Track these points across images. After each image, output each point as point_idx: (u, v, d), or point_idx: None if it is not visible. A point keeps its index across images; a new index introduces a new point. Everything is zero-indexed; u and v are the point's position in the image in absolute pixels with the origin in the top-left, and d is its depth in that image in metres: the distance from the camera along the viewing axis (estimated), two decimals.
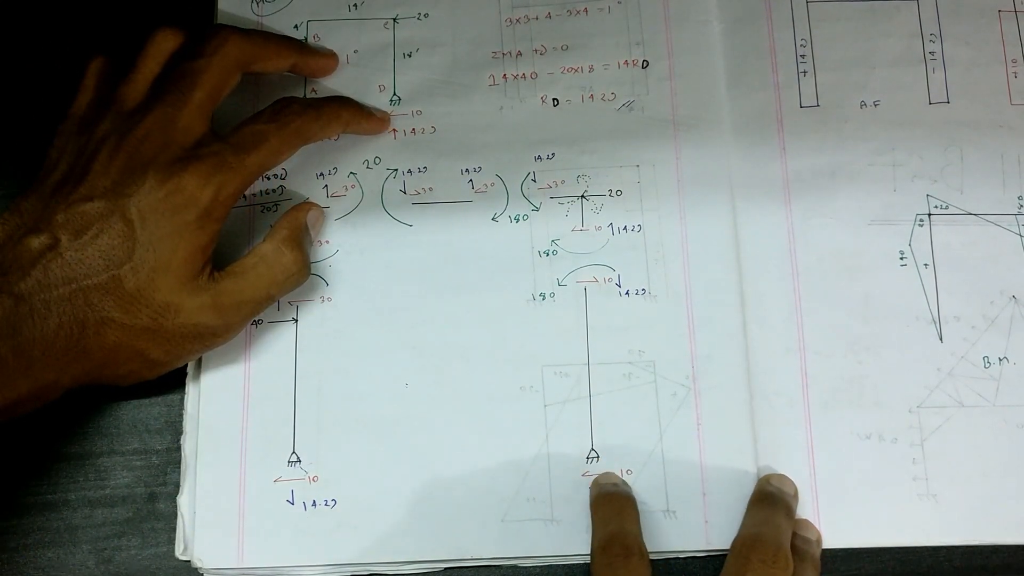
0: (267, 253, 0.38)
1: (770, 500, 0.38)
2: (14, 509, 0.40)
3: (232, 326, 0.38)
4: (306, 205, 0.41)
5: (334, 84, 0.44)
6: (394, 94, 0.44)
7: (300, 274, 0.39)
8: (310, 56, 0.43)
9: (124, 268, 0.35)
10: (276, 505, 0.39)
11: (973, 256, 0.42)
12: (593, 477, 0.39)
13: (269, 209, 0.42)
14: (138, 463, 0.41)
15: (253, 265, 0.38)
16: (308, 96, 0.44)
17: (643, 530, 0.38)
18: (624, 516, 0.38)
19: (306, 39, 0.44)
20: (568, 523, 0.39)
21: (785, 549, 0.36)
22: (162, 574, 0.40)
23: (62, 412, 0.40)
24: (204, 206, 0.36)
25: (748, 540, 0.37)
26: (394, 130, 0.43)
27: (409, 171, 0.43)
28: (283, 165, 0.43)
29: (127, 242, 0.35)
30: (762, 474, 0.39)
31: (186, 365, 0.41)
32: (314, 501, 0.39)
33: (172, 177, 0.36)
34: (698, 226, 0.42)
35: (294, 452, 0.40)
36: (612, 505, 0.38)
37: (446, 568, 0.39)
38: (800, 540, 0.38)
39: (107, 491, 0.40)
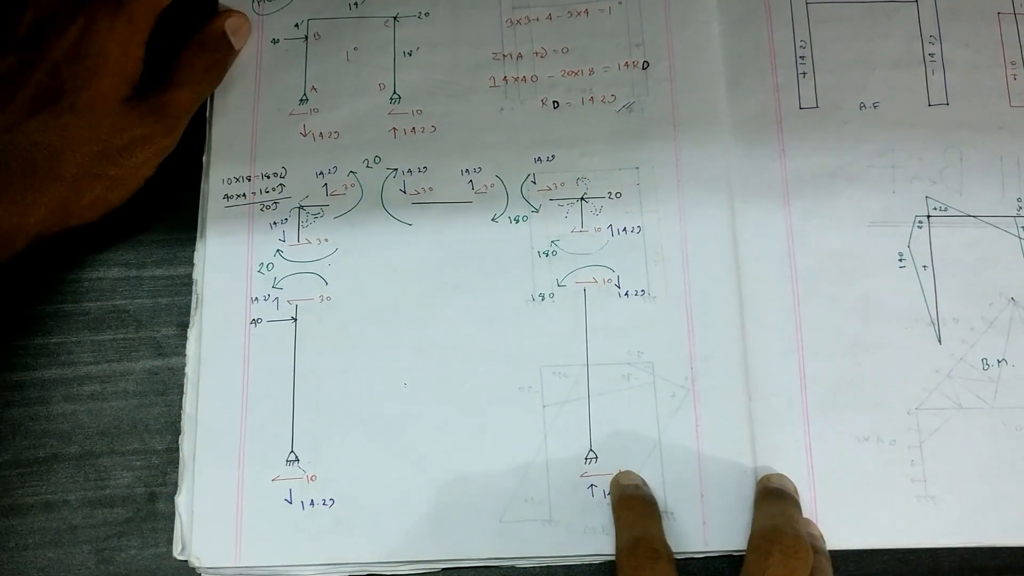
0: (184, 57, 0.42)
1: (777, 494, 0.38)
2: (14, 509, 0.40)
3: (177, 126, 0.41)
4: (227, 13, 0.43)
5: (334, 81, 0.44)
6: (394, 92, 0.44)
7: (213, 74, 0.43)
8: None
9: (59, 102, 0.38)
10: (274, 504, 0.39)
11: (972, 258, 0.42)
12: (596, 476, 0.39)
13: (269, 208, 0.42)
14: (138, 463, 0.41)
15: (175, 69, 0.41)
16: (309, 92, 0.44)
17: None
18: (648, 519, 0.37)
19: (307, 38, 0.44)
20: (566, 524, 0.39)
21: (804, 539, 0.36)
22: (162, 574, 0.40)
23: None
24: (121, 30, 0.39)
25: (767, 532, 0.36)
26: (394, 128, 0.43)
27: (409, 171, 0.43)
28: (282, 164, 0.43)
29: (54, 80, 0.38)
30: (760, 475, 0.39)
31: (184, 365, 0.41)
32: (312, 500, 0.39)
33: (81, 12, 0.39)
34: (697, 228, 0.42)
35: (292, 451, 0.40)
36: (636, 508, 0.38)
37: (444, 568, 0.39)
38: (809, 536, 0.38)
39: (107, 491, 0.40)
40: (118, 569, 0.40)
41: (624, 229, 0.42)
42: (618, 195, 0.42)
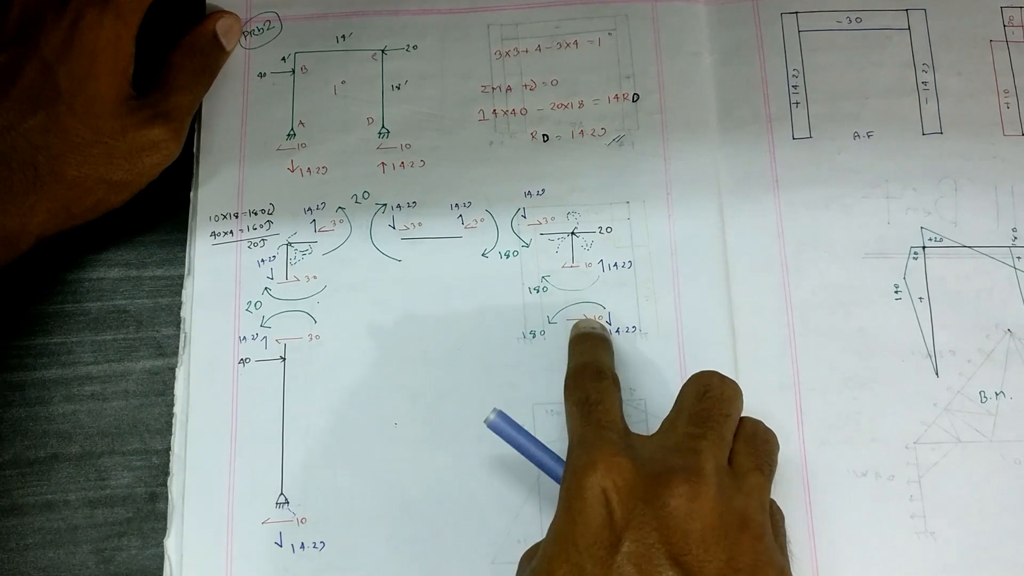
0: (176, 60, 0.42)
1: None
2: (14, 509, 0.40)
3: (182, 131, 0.41)
4: (217, 13, 0.43)
5: (322, 116, 0.43)
6: (383, 126, 0.43)
7: (206, 76, 0.42)
8: None
9: (57, 104, 0.38)
10: (264, 547, 0.39)
11: (968, 289, 0.41)
12: None
13: (256, 244, 0.42)
14: (138, 463, 0.40)
15: (169, 73, 0.41)
16: (296, 127, 0.43)
17: None
18: (599, 349, 0.38)
19: (294, 71, 0.44)
20: None
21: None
22: (162, 575, 0.39)
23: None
24: (109, 26, 0.39)
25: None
26: (383, 163, 0.43)
27: (398, 206, 0.42)
28: (270, 200, 0.42)
29: (49, 79, 0.38)
30: None
31: (173, 405, 0.40)
32: (302, 543, 0.39)
33: (69, 9, 0.39)
34: (689, 262, 0.41)
35: (282, 493, 0.39)
36: (588, 342, 0.39)
37: None
38: (749, 424, 0.36)
39: (107, 491, 0.40)
40: (118, 569, 0.39)
41: (615, 264, 0.41)
42: (609, 230, 0.42)
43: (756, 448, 0.35)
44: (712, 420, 0.34)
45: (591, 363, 0.37)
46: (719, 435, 0.34)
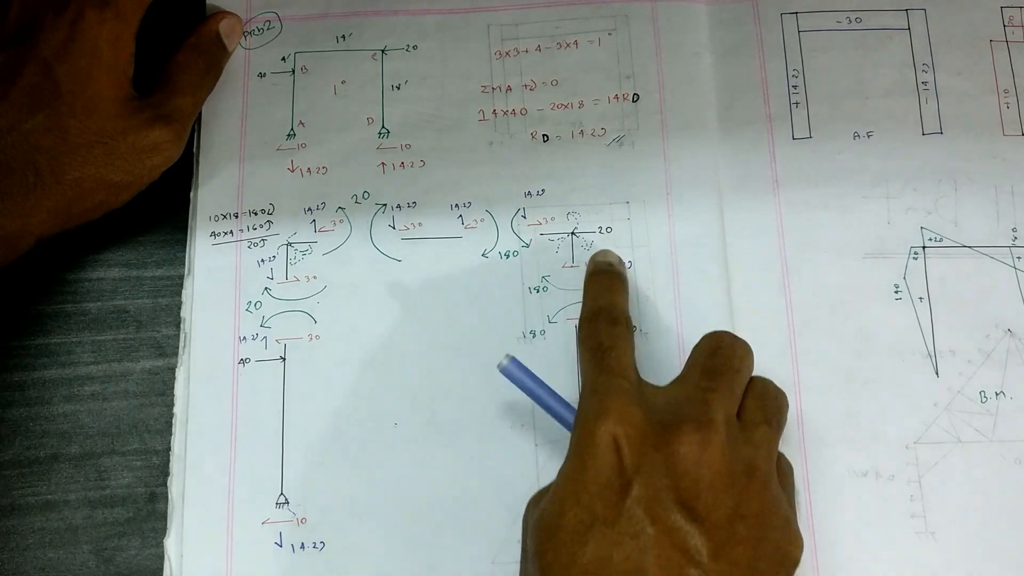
0: (180, 61, 0.41)
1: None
2: (14, 509, 0.40)
3: (184, 133, 0.41)
4: (220, 14, 0.43)
5: (322, 116, 0.43)
6: (383, 126, 0.43)
7: (211, 77, 0.42)
8: None
9: (57, 105, 0.37)
10: (264, 548, 0.39)
11: (968, 289, 0.41)
12: None
13: (256, 245, 0.42)
14: (138, 463, 0.40)
15: (172, 74, 0.41)
16: (296, 127, 0.43)
17: None
18: (614, 291, 0.38)
19: (294, 72, 0.44)
20: None
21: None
22: (162, 575, 0.39)
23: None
24: (109, 26, 0.39)
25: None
26: (383, 163, 0.43)
27: (398, 206, 0.42)
28: (270, 200, 0.42)
29: (49, 80, 0.38)
30: None
31: (173, 405, 0.40)
32: (302, 543, 0.39)
33: (68, 9, 0.38)
34: (689, 262, 0.41)
35: (282, 493, 0.39)
36: (604, 281, 0.39)
37: None
38: (760, 382, 0.37)
39: (107, 491, 0.40)
40: (118, 569, 0.39)
41: None
42: (609, 230, 0.42)
43: (766, 404, 0.35)
44: (723, 375, 0.35)
45: (605, 307, 0.37)
46: (729, 389, 0.34)
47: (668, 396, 0.35)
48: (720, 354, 0.35)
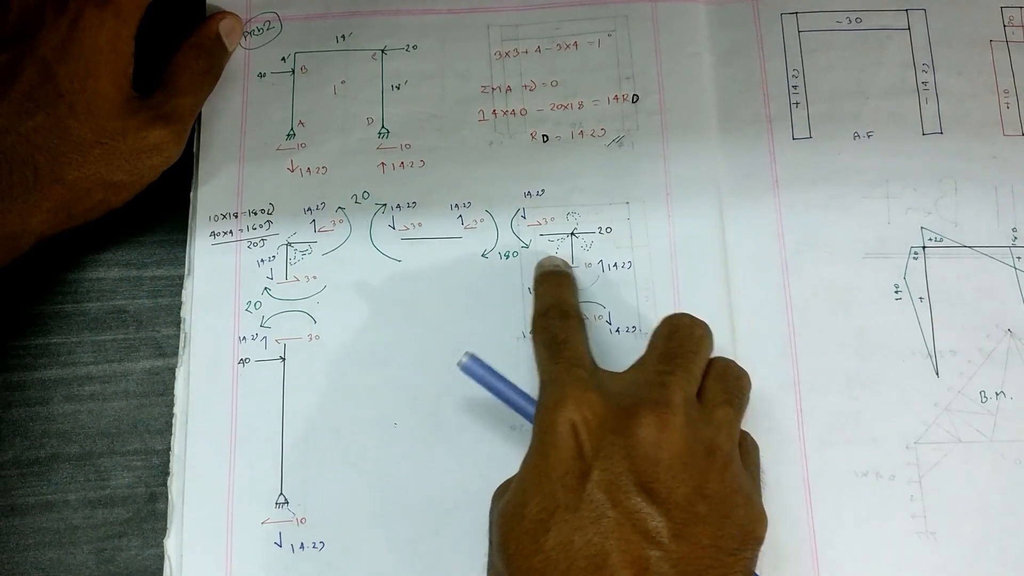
0: (181, 61, 0.41)
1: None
2: (14, 509, 0.40)
3: (185, 133, 0.40)
4: (220, 14, 0.43)
5: (321, 116, 0.43)
6: (382, 126, 0.43)
7: (211, 77, 0.42)
8: None
9: (57, 105, 0.37)
10: (264, 547, 0.39)
11: (968, 289, 0.41)
12: None
13: (256, 245, 0.42)
14: (138, 463, 0.40)
15: (173, 74, 0.41)
16: (296, 127, 0.43)
17: None
18: (562, 288, 0.39)
19: (294, 71, 0.44)
20: None
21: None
22: (162, 575, 0.39)
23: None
24: (109, 25, 0.38)
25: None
26: (383, 163, 0.43)
27: (398, 206, 0.42)
28: (270, 200, 0.42)
29: (48, 79, 0.37)
30: None
31: (173, 405, 0.40)
32: (302, 543, 0.39)
33: (68, 8, 0.38)
34: (689, 262, 0.41)
35: (282, 493, 0.39)
36: (552, 280, 0.40)
37: None
38: (720, 362, 0.37)
39: (107, 491, 0.40)
40: (118, 569, 0.39)
41: (615, 265, 0.41)
42: (608, 230, 0.42)
43: (727, 384, 0.36)
44: (681, 357, 0.35)
45: (556, 303, 0.38)
46: (687, 371, 0.35)
47: (626, 380, 0.35)
48: (677, 336, 0.36)
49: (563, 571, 0.31)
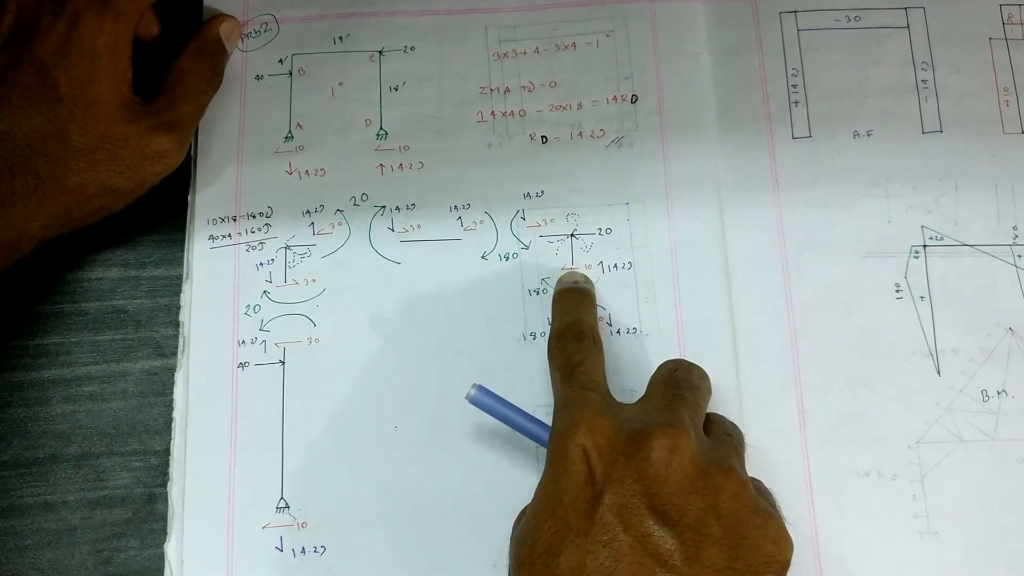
0: (184, 66, 0.41)
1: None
2: (13, 509, 0.40)
3: (187, 140, 0.41)
4: (219, 17, 0.43)
5: (319, 118, 0.43)
6: (381, 128, 0.43)
7: (215, 81, 0.42)
8: None
9: (57, 109, 0.37)
10: (265, 552, 0.38)
11: (969, 288, 0.41)
12: None
13: (255, 248, 0.42)
14: (137, 463, 0.40)
15: (176, 80, 0.41)
16: (294, 129, 0.43)
17: None
18: (580, 308, 0.39)
19: (291, 73, 0.44)
20: None
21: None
22: (161, 575, 0.39)
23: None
24: (107, 29, 0.38)
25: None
26: (381, 165, 0.43)
27: (397, 208, 0.42)
28: (268, 203, 0.42)
29: (47, 83, 0.37)
30: None
31: (172, 405, 0.40)
32: (303, 548, 0.39)
33: (65, 11, 0.38)
34: (689, 262, 0.41)
35: (282, 498, 0.39)
36: (570, 299, 0.39)
37: None
38: (715, 416, 0.38)
39: (106, 491, 0.40)
40: (117, 569, 0.39)
41: (615, 266, 0.41)
42: (608, 231, 0.42)
43: (726, 427, 0.36)
44: (687, 388, 0.35)
45: (572, 324, 0.38)
46: (694, 399, 0.35)
47: (636, 409, 0.35)
48: (678, 374, 0.36)
49: None
